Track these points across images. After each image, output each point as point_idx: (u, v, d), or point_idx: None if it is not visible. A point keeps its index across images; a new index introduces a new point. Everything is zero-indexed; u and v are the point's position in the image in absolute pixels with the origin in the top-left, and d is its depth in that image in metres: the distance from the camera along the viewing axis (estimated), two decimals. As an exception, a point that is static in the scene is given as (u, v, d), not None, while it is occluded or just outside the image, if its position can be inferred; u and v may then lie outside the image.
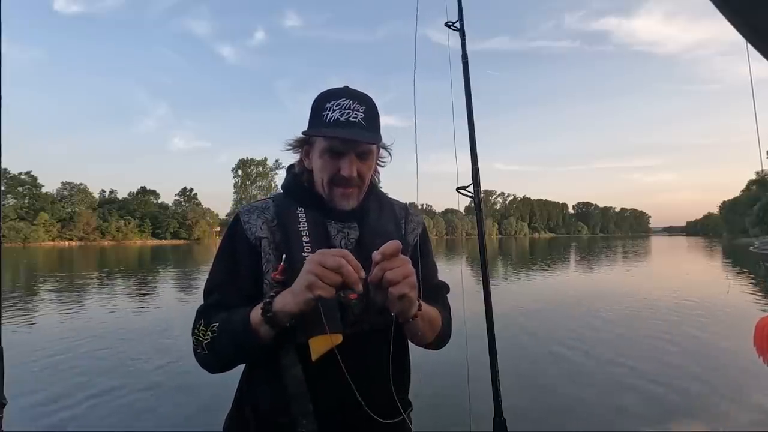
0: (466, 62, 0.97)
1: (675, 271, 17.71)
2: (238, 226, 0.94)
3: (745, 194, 67.25)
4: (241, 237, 0.93)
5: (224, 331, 0.83)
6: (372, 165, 0.96)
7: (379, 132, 0.94)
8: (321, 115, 0.89)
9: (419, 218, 1.12)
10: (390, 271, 0.73)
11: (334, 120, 0.88)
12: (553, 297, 10.15)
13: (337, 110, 0.88)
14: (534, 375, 4.56)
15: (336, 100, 0.90)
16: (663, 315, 7.69)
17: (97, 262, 24.33)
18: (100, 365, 4.91)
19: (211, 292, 0.92)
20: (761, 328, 0.82)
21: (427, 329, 0.92)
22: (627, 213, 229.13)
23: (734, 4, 0.58)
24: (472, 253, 29.57)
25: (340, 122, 0.88)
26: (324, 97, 0.92)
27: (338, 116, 0.88)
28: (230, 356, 0.85)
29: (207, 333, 0.84)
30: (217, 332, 0.84)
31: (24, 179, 69.84)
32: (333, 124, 0.88)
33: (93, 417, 3.56)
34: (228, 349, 0.83)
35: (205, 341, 0.85)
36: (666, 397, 3.95)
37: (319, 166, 0.92)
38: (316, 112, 0.91)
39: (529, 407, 3.70)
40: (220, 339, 0.83)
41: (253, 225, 0.93)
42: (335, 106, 0.89)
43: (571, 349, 5.53)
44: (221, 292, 0.91)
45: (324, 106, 0.90)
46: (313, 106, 0.93)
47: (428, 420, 3.42)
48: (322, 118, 0.89)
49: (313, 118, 0.92)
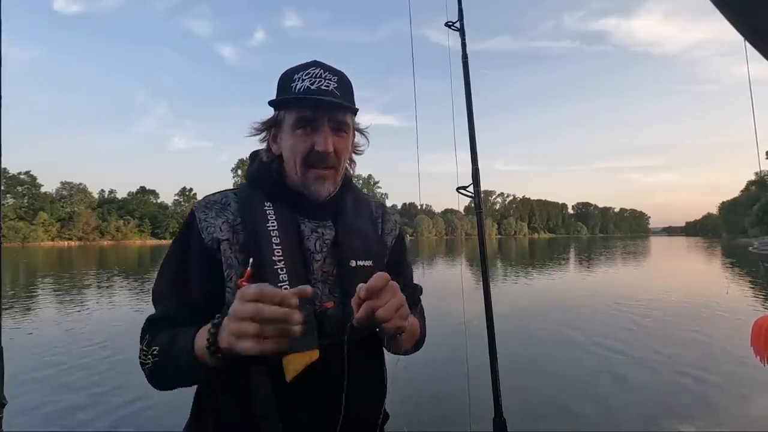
0: (466, 62, 0.96)
1: (675, 272, 17.72)
2: (192, 224, 0.82)
3: (744, 194, 67.31)
4: (196, 238, 0.80)
5: (166, 356, 0.73)
6: (348, 143, 0.86)
7: (354, 104, 0.85)
8: (289, 87, 0.80)
9: (396, 217, 1.03)
10: (381, 309, 0.66)
11: (303, 89, 0.79)
12: (553, 297, 10.14)
13: (306, 79, 0.80)
14: (534, 375, 4.56)
15: (305, 70, 0.81)
16: (662, 315, 7.69)
17: (97, 262, 24.29)
18: (100, 365, 4.90)
19: (157, 302, 0.83)
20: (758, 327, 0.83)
21: (409, 340, 0.86)
22: (626, 213, 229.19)
23: (734, 4, 0.58)
24: (472, 253, 29.56)
25: (311, 90, 0.79)
26: (291, 70, 0.83)
27: (308, 85, 0.79)
28: (172, 383, 0.76)
29: (148, 356, 0.75)
30: (158, 357, 0.74)
31: (23, 179, 69.80)
32: (303, 93, 0.79)
33: (93, 417, 3.56)
34: (169, 377, 0.75)
35: (146, 364, 0.76)
36: (665, 398, 3.95)
37: (290, 145, 0.81)
38: (283, 85, 0.82)
39: (528, 408, 3.70)
40: (160, 366, 0.74)
41: (210, 224, 0.80)
42: (305, 75, 0.80)
43: (570, 349, 5.54)
44: (166, 303, 0.81)
45: (292, 77, 0.81)
46: (279, 82, 0.84)
47: (429, 420, 3.42)
48: (291, 90, 0.80)
49: (280, 93, 0.83)
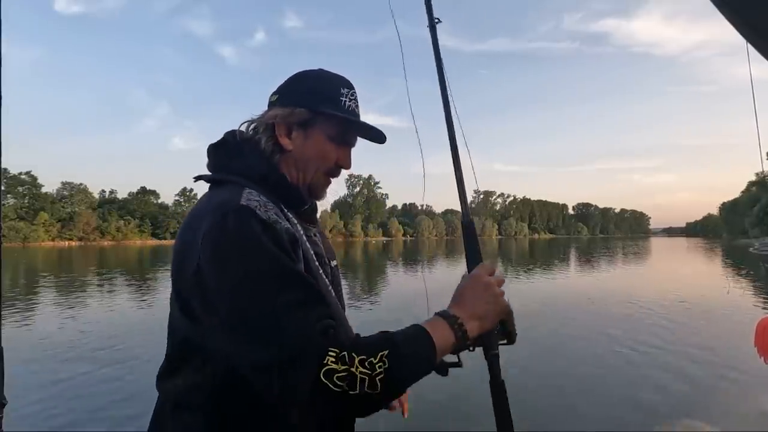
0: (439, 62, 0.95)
1: (674, 272, 17.71)
2: (271, 229, 0.66)
3: (744, 195, 67.25)
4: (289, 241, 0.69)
5: (404, 356, 0.63)
6: None
7: None
8: (338, 100, 0.81)
9: None
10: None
11: (351, 110, 0.82)
12: (553, 297, 10.14)
13: (353, 101, 0.83)
14: (534, 375, 4.56)
15: (348, 89, 0.83)
16: (662, 315, 7.68)
17: (97, 262, 24.30)
18: (100, 365, 4.90)
19: (322, 318, 0.63)
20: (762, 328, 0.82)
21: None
22: (627, 214, 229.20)
23: (734, 4, 0.57)
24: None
25: (356, 114, 0.83)
26: (333, 81, 0.83)
27: (354, 107, 0.82)
28: (406, 385, 0.65)
29: (377, 365, 0.60)
30: (392, 359, 0.61)
31: (24, 179, 69.84)
32: (351, 114, 0.82)
33: (93, 417, 3.56)
34: (410, 378, 0.64)
35: (378, 376, 0.60)
36: (665, 398, 3.94)
37: (318, 151, 0.80)
38: (328, 92, 0.81)
39: (529, 407, 3.70)
40: (399, 367, 0.62)
41: (283, 223, 0.70)
42: (351, 96, 0.82)
43: (570, 349, 5.53)
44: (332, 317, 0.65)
45: (339, 91, 0.81)
46: (319, 85, 0.82)
47: (428, 420, 3.41)
48: (340, 104, 0.80)
49: (327, 101, 0.80)
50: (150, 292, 11.47)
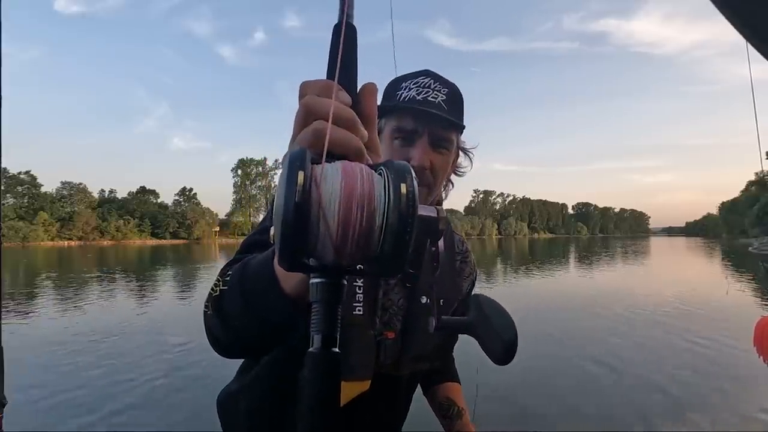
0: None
1: (674, 272, 17.72)
2: None
3: (744, 195, 67.34)
4: None
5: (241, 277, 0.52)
6: (449, 162, 0.80)
7: (462, 120, 0.80)
8: (395, 95, 0.77)
9: (473, 258, 0.95)
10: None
11: (409, 98, 0.76)
12: (552, 297, 10.14)
13: (414, 88, 0.76)
14: (533, 375, 4.56)
15: (414, 78, 0.78)
16: (661, 315, 7.69)
17: (97, 262, 24.30)
18: (100, 365, 4.90)
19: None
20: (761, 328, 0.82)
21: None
22: (626, 213, 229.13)
23: (734, 4, 0.57)
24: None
25: (416, 101, 0.76)
26: (400, 78, 0.80)
27: (414, 94, 0.76)
28: (238, 317, 0.51)
29: (217, 284, 0.55)
30: (231, 280, 0.53)
31: (23, 179, 69.77)
32: (407, 102, 0.76)
33: (93, 417, 3.56)
34: (237, 303, 0.51)
35: (213, 294, 0.54)
36: (665, 398, 3.94)
37: (384, 154, 0.72)
38: (390, 91, 0.79)
39: (529, 407, 3.70)
40: (231, 290, 0.53)
41: None
42: (412, 84, 0.77)
43: (570, 348, 5.54)
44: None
45: (399, 85, 0.78)
46: (387, 88, 0.80)
47: (429, 420, 3.41)
48: (396, 98, 0.77)
49: (385, 100, 0.78)
50: (150, 291, 11.47)
